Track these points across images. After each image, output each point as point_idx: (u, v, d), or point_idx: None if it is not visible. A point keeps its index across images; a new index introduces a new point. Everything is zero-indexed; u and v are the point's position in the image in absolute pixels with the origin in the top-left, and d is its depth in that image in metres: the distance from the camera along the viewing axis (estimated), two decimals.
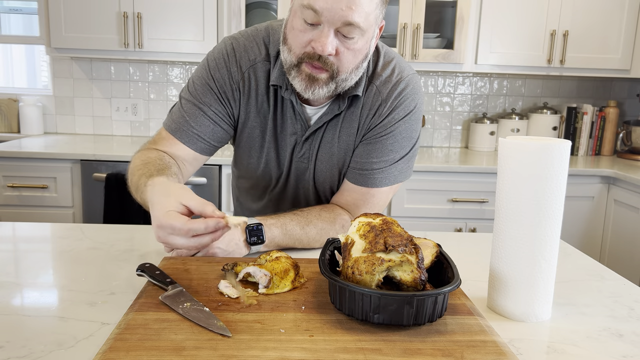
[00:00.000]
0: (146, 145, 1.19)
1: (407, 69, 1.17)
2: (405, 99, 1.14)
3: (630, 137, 3.05)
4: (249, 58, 1.14)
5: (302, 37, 1.00)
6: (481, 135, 3.14)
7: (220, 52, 1.15)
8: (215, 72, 1.14)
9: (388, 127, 1.14)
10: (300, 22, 0.99)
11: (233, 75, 1.14)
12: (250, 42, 1.14)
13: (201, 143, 1.16)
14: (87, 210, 2.60)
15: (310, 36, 0.99)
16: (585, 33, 2.83)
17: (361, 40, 1.01)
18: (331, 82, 1.03)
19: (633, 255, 2.50)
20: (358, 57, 1.03)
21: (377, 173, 1.16)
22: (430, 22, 3.03)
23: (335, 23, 0.96)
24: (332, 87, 1.04)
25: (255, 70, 1.14)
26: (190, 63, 3.12)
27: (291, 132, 1.17)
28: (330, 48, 0.98)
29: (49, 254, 1.10)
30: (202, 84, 1.15)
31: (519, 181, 0.80)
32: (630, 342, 0.79)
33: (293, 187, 1.25)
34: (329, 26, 0.97)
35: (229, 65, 1.14)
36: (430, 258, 0.88)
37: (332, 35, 0.98)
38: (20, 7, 3.32)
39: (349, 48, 1.00)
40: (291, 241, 1.11)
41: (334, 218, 1.16)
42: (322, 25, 0.98)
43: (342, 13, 0.95)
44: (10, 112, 3.11)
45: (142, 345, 0.68)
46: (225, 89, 1.14)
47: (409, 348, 0.70)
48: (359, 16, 0.96)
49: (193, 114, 1.14)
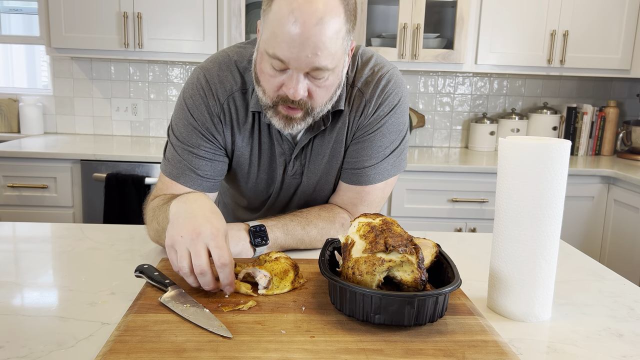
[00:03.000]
0: (151, 197, 1.16)
1: (387, 64, 1.16)
2: (388, 94, 1.14)
3: (630, 137, 3.05)
4: (225, 89, 1.12)
5: (273, 81, 0.99)
6: (481, 135, 3.14)
7: (194, 88, 1.13)
8: (194, 111, 1.12)
9: (375, 125, 1.14)
10: (269, 67, 0.98)
11: (212, 109, 1.11)
12: (223, 71, 1.12)
13: (206, 182, 1.14)
14: (87, 210, 2.60)
15: (281, 80, 0.98)
16: (585, 33, 2.83)
17: (332, 77, 1.00)
18: (308, 116, 1.03)
19: (633, 255, 2.50)
20: (331, 90, 1.03)
21: (369, 170, 1.16)
22: (430, 22, 3.03)
23: (304, 69, 0.96)
24: (309, 120, 1.05)
25: (234, 99, 1.12)
26: (190, 63, 3.12)
27: (279, 153, 1.16)
28: (302, 92, 0.97)
29: (49, 254, 1.10)
30: (185, 126, 1.12)
31: (519, 181, 0.80)
32: (630, 342, 0.79)
33: (285, 202, 1.24)
34: (297, 72, 0.96)
35: (207, 100, 1.11)
36: (430, 258, 0.88)
37: (302, 79, 0.97)
38: (20, 7, 3.31)
39: (320, 86, 1.00)
40: (293, 242, 1.10)
41: (333, 217, 1.16)
42: (290, 70, 0.97)
43: (308, 60, 0.94)
44: (10, 112, 3.10)
45: (142, 347, 0.68)
46: (208, 125, 1.12)
47: (410, 348, 0.70)
48: (326, 59, 0.95)
49: (188, 158, 1.12)
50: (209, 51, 2.75)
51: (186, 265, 0.83)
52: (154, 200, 1.11)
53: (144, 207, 1.15)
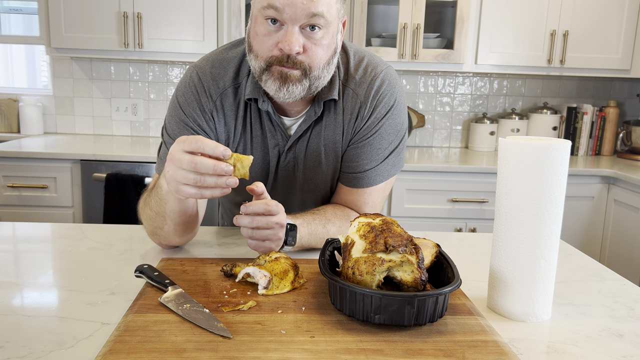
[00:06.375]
0: (144, 195, 1.16)
1: (380, 64, 1.16)
2: (383, 96, 1.13)
3: (630, 137, 3.05)
4: (218, 86, 1.12)
5: (267, 41, 0.99)
6: (481, 135, 3.14)
7: (187, 86, 1.13)
8: (186, 108, 1.12)
9: (373, 128, 1.13)
10: (263, 27, 0.98)
11: (205, 107, 1.12)
12: (216, 69, 1.12)
13: None
14: (87, 210, 2.60)
15: (276, 38, 0.98)
16: (585, 33, 2.83)
17: (327, 35, 1.00)
18: (304, 79, 1.01)
19: (633, 255, 2.50)
20: (327, 52, 1.02)
21: (370, 173, 1.16)
22: (430, 22, 3.03)
23: (299, 18, 0.96)
24: (306, 84, 1.02)
25: (226, 95, 1.12)
26: (190, 63, 3.11)
27: (273, 145, 1.15)
28: (297, 46, 0.97)
29: (49, 254, 1.10)
30: (177, 123, 1.12)
31: (519, 181, 0.80)
32: (630, 342, 0.79)
33: (281, 199, 1.24)
34: (292, 24, 0.96)
35: (199, 98, 1.12)
36: (429, 258, 0.88)
37: (297, 33, 0.97)
38: (20, 7, 3.31)
39: (316, 43, 0.99)
40: (314, 241, 1.09)
41: (347, 215, 1.16)
42: (285, 25, 0.97)
43: (304, 6, 0.94)
44: (10, 112, 3.10)
45: (142, 347, 0.68)
46: (200, 122, 1.12)
47: (410, 348, 0.70)
48: (322, 5, 0.96)
49: None
50: (209, 51, 2.74)
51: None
52: (145, 194, 1.12)
53: (138, 206, 1.14)
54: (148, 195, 1.08)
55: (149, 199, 1.06)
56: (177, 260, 1.01)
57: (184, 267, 0.97)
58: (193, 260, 1.01)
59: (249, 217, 0.95)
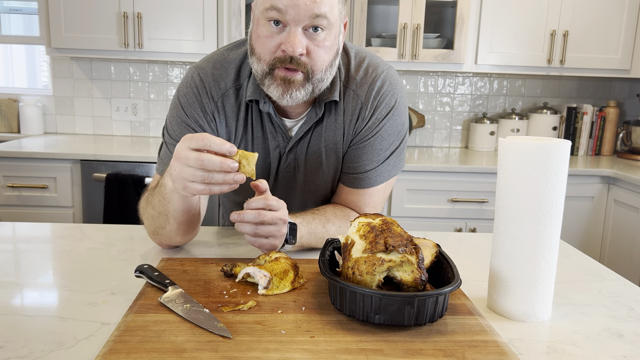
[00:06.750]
0: (146, 194, 1.16)
1: (381, 64, 1.15)
2: (384, 97, 1.13)
3: (630, 137, 3.05)
4: (219, 87, 1.12)
5: (269, 43, 0.99)
6: (481, 135, 3.14)
7: (189, 87, 1.13)
8: (187, 109, 1.12)
9: (374, 129, 1.13)
10: (266, 28, 0.98)
11: (206, 107, 1.12)
12: (217, 70, 1.12)
13: None
14: (87, 210, 2.60)
15: (278, 40, 0.98)
16: (585, 33, 2.83)
17: (329, 36, 1.00)
18: (307, 83, 1.01)
19: (633, 255, 2.50)
20: (329, 53, 1.02)
21: (370, 173, 1.15)
22: (430, 22, 3.03)
23: (302, 20, 0.95)
24: (309, 88, 1.02)
25: (228, 96, 1.12)
26: (190, 63, 3.11)
27: (274, 146, 1.15)
28: (301, 47, 0.97)
29: (49, 254, 1.10)
30: (179, 123, 1.12)
31: (519, 181, 0.80)
32: (630, 342, 0.79)
33: (282, 196, 1.24)
34: (295, 25, 0.96)
35: (200, 99, 1.11)
36: (429, 258, 0.88)
37: (300, 34, 0.97)
38: (20, 7, 3.31)
39: (319, 45, 0.99)
40: (314, 240, 1.09)
41: (347, 215, 1.16)
42: (288, 26, 0.97)
43: (307, 7, 0.94)
44: (10, 112, 3.10)
45: (142, 347, 0.68)
46: (201, 123, 1.12)
47: (410, 348, 0.70)
48: (325, 6, 0.96)
49: None
50: (209, 51, 2.74)
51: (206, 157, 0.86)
52: (146, 193, 1.12)
53: (138, 206, 1.14)
54: (150, 194, 1.08)
55: (152, 198, 1.06)
56: (177, 260, 1.01)
57: (184, 267, 0.97)
58: (193, 260, 1.01)
59: (255, 211, 0.95)
